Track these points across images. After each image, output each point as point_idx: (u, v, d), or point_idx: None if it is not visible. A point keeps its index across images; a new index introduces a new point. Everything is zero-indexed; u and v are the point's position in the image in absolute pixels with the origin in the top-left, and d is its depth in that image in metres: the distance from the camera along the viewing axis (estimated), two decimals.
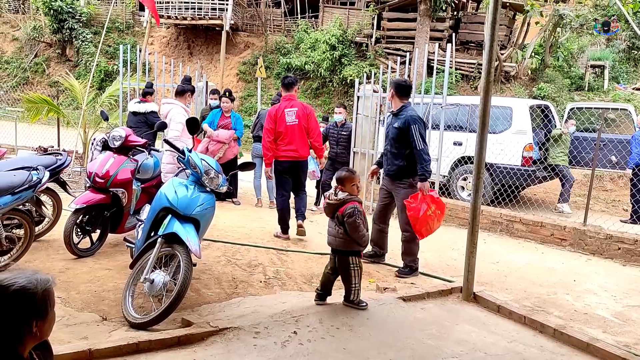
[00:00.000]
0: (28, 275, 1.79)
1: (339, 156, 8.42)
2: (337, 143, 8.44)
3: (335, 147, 8.45)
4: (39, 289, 1.77)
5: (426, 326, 3.89)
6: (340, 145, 8.43)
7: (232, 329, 3.49)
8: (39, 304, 1.77)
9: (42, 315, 1.79)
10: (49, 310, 1.82)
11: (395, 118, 5.36)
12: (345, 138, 8.43)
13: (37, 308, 1.78)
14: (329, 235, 4.15)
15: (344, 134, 8.43)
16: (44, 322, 1.81)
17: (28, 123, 10.80)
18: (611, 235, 6.34)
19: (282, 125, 6.18)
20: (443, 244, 6.61)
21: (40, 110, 10.14)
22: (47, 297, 1.80)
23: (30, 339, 1.79)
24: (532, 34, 18.21)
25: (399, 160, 5.30)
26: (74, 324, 3.68)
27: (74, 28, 22.32)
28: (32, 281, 1.77)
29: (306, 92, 19.71)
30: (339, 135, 8.43)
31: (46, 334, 1.85)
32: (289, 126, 6.19)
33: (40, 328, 1.80)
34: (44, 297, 1.79)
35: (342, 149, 8.44)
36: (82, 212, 5.20)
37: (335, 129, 8.47)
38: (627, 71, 19.11)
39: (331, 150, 8.52)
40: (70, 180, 8.75)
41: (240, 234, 6.49)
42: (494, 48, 4.22)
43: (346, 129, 8.46)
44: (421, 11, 17.02)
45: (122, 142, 5.39)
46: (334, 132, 8.48)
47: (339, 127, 8.46)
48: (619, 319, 4.47)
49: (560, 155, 9.16)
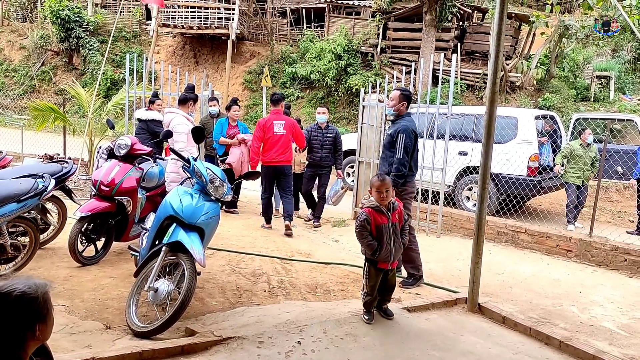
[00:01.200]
0: (24, 281, 1.83)
1: (323, 160, 8.02)
2: (322, 146, 7.99)
3: (319, 151, 7.99)
4: (40, 293, 1.82)
5: (431, 337, 3.86)
6: (325, 149, 7.99)
7: (235, 339, 3.48)
8: (40, 307, 1.82)
9: (44, 318, 1.84)
10: (49, 313, 1.87)
11: (392, 125, 5.47)
12: (330, 141, 8.00)
13: (40, 311, 1.82)
14: None
15: (330, 136, 8.02)
16: (46, 325, 1.85)
17: (34, 131, 10.85)
18: (617, 247, 6.29)
19: (270, 134, 7.07)
20: (448, 254, 6.59)
21: (46, 118, 10.18)
22: (47, 300, 1.85)
23: (33, 342, 1.84)
24: (538, 44, 18.22)
25: (385, 166, 5.39)
26: (77, 332, 3.68)
27: (81, 37, 22.50)
28: (32, 286, 1.82)
29: (312, 101, 19.75)
30: (324, 138, 7.99)
31: (47, 337, 1.89)
32: (277, 136, 7.08)
33: (43, 331, 1.84)
34: (44, 300, 1.83)
35: (327, 152, 8.01)
36: (87, 220, 5.21)
37: (320, 132, 8.03)
38: (633, 82, 19.08)
39: (314, 155, 8.03)
40: (76, 188, 8.77)
41: (244, 242, 6.49)
42: (499, 58, 4.22)
43: (331, 131, 8.05)
44: (427, 21, 17.08)
45: (128, 151, 5.42)
46: (317, 135, 8.03)
47: (323, 129, 8.03)
48: (625, 331, 4.43)
49: (570, 172, 8.68)
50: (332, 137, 8.09)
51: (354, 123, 17.62)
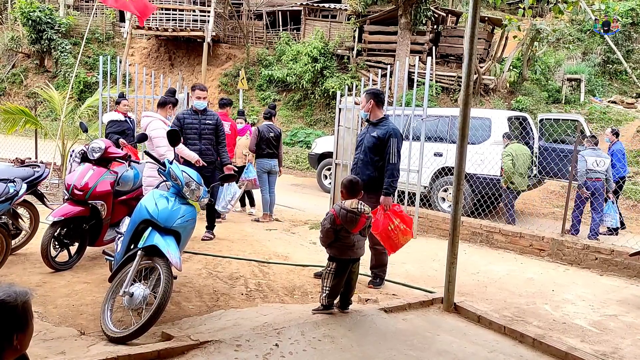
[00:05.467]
0: (5, 288, 1.76)
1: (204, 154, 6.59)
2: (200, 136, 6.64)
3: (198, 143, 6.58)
4: (19, 302, 1.75)
5: (408, 337, 3.90)
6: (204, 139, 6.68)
7: (213, 342, 3.46)
8: (20, 316, 1.75)
9: (22, 328, 1.77)
10: (29, 322, 1.80)
11: (373, 127, 5.26)
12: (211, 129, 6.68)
13: (19, 321, 1.75)
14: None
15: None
16: (25, 334, 1.79)
17: (4, 134, 10.63)
18: (588, 246, 6.44)
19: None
20: (424, 255, 6.66)
21: (17, 122, 9.99)
22: (27, 309, 1.79)
23: (11, 352, 1.77)
24: (510, 47, 18.55)
25: (370, 170, 5.19)
26: (51, 339, 3.62)
27: (52, 39, 22.10)
28: (11, 294, 1.75)
29: (288, 104, 19.75)
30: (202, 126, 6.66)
31: (26, 347, 1.83)
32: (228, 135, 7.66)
33: (21, 341, 1.77)
34: (24, 309, 1.77)
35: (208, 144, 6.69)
36: (60, 225, 5.11)
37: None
38: (603, 84, 19.54)
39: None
40: (48, 192, 8.62)
41: (221, 246, 6.46)
42: (472, 61, 4.29)
43: (211, 117, 6.70)
44: (402, 25, 17.24)
45: (102, 154, 5.34)
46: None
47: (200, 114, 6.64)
48: (596, 328, 4.53)
49: (516, 175, 8.33)
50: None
51: (330, 126, 17.67)
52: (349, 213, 4.04)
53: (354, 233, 4.12)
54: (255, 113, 19.00)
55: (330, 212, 4.13)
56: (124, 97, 8.69)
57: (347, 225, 4.04)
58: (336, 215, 4.06)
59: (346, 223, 4.04)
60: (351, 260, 4.20)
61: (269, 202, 8.32)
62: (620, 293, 5.54)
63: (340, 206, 4.08)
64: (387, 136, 5.12)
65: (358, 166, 5.32)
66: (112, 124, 8.08)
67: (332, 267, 4.15)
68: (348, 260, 4.17)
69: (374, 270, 5.40)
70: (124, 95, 8.79)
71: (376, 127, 5.26)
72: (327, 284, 4.15)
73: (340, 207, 4.07)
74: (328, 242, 4.15)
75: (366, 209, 4.13)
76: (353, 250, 4.16)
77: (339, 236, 4.10)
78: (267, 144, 8.14)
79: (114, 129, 7.96)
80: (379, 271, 5.37)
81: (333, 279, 4.13)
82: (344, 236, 4.10)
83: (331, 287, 4.14)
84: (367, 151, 5.22)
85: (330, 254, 4.19)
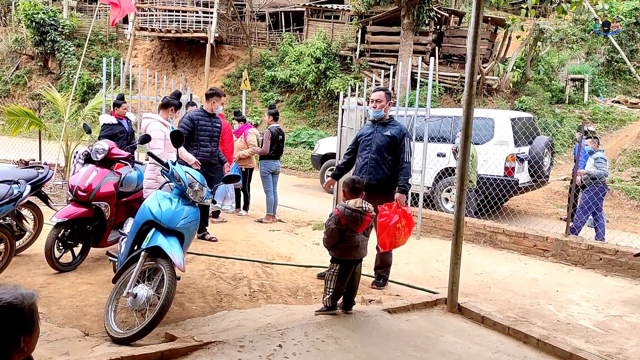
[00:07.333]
0: (11, 290, 1.76)
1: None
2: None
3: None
4: (26, 304, 1.75)
5: (411, 338, 3.89)
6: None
7: (216, 343, 3.46)
8: (26, 319, 1.76)
9: (29, 330, 1.77)
10: (35, 324, 1.81)
11: (383, 127, 5.28)
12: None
13: (25, 323, 1.76)
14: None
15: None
16: (31, 336, 1.79)
17: (8, 136, 10.66)
18: (592, 246, 6.41)
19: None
20: (427, 255, 6.64)
21: (21, 123, 10.01)
22: (33, 311, 1.79)
23: (18, 354, 1.77)
24: (514, 47, 18.51)
25: (384, 169, 5.20)
26: (55, 340, 3.62)
27: (56, 40, 22.16)
28: (18, 296, 1.75)
29: (291, 104, 19.76)
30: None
31: (32, 349, 1.83)
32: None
33: (28, 343, 1.78)
34: (30, 311, 1.77)
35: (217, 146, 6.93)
36: (63, 226, 5.13)
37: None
38: (607, 84, 19.48)
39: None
40: (52, 193, 8.64)
41: (224, 247, 6.46)
42: (475, 62, 4.28)
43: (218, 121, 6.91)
44: (404, 25, 17.22)
45: (105, 155, 5.35)
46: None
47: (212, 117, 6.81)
48: (601, 329, 4.51)
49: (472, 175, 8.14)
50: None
51: (333, 126, 17.66)
52: (354, 212, 4.04)
53: (359, 233, 4.12)
54: (258, 114, 19.01)
55: (334, 213, 4.13)
56: (123, 99, 8.69)
57: (352, 224, 4.04)
58: (341, 215, 4.06)
59: (351, 222, 4.04)
60: (355, 261, 4.20)
61: (272, 203, 8.33)
62: (624, 293, 5.52)
63: (344, 206, 4.08)
64: (401, 135, 5.19)
65: (370, 166, 5.27)
66: (104, 127, 8.12)
67: (336, 268, 4.14)
68: (352, 261, 4.17)
69: (377, 271, 5.39)
70: (123, 97, 8.79)
71: (386, 126, 5.29)
72: (331, 286, 4.15)
73: (345, 206, 4.07)
74: (332, 244, 4.15)
75: (370, 208, 4.13)
76: (357, 250, 4.16)
77: (344, 237, 4.10)
78: (276, 145, 8.23)
79: (105, 133, 7.96)
80: (383, 272, 5.37)
81: (337, 280, 4.13)
82: (348, 236, 4.10)
83: (335, 289, 4.14)
84: (382, 150, 5.22)
85: (333, 255, 4.19)
